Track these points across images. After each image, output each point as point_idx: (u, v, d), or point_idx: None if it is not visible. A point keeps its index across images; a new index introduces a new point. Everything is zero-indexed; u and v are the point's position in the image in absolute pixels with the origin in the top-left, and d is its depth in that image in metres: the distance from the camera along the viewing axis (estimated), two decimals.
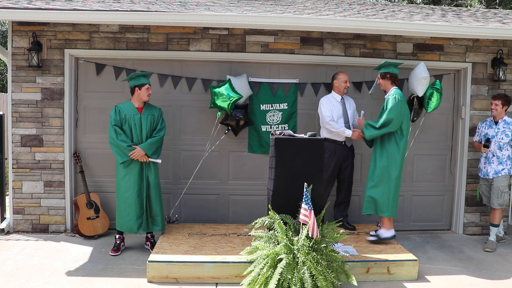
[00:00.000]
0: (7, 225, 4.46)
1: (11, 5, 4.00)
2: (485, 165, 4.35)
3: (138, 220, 3.85)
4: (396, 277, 3.45)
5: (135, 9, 4.01)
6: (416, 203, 4.95)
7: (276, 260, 3.00)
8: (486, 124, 4.41)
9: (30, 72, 4.38)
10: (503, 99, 4.25)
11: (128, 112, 3.83)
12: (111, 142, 3.80)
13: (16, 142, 4.43)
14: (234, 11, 4.18)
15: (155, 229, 3.98)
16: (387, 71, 3.98)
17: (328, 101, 4.29)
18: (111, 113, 3.84)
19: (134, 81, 3.83)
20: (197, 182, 4.68)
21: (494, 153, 4.27)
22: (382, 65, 4.02)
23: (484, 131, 4.39)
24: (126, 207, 3.83)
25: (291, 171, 3.47)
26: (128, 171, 3.82)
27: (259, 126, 4.69)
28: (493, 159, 4.28)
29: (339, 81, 4.30)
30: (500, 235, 4.49)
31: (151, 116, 3.90)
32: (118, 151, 3.79)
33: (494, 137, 4.26)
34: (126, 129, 3.84)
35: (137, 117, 3.85)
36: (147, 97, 3.86)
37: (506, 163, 4.24)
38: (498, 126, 4.28)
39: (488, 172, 4.31)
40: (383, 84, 4.03)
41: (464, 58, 4.74)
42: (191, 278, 3.32)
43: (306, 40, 4.60)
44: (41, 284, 3.23)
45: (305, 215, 3.08)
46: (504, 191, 4.21)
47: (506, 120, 4.27)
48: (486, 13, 5.39)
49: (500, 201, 4.22)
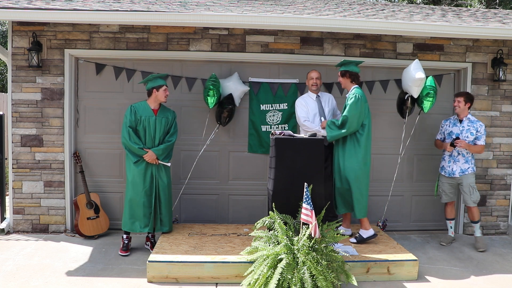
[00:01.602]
0: (7, 225, 4.46)
1: (11, 5, 4.00)
2: (450, 164, 4.30)
3: (145, 219, 3.86)
4: (396, 277, 3.45)
5: (135, 9, 4.01)
6: (416, 203, 4.95)
7: (276, 260, 3.00)
8: (450, 122, 4.35)
9: (30, 72, 4.37)
10: (466, 96, 4.20)
11: (143, 113, 3.85)
12: (124, 143, 3.84)
13: (16, 142, 4.43)
14: (234, 11, 4.18)
15: (163, 230, 4.01)
16: (347, 69, 3.92)
17: (302, 101, 4.25)
18: (126, 113, 3.84)
19: (151, 83, 3.85)
20: (197, 182, 4.68)
21: (460, 151, 4.23)
22: (342, 63, 3.96)
23: (449, 129, 4.33)
24: (132, 207, 3.84)
25: (291, 171, 3.47)
26: (140, 171, 3.83)
27: (259, 126, 4.69)
28: (459, 158, 4.24)
29: (307, 79, 4.27)
30: (452, 235, 4.49)
31: (165, 119, 3.93)
32: (130, 151, 3.83)
33: (459, 135, 4.22)
34: (140, 129, 3.85)
35: (152, 119, 3.86)
36: (165, 98, 3.89)
37: (471, 161, 4.24)
38: (462, 124, 4.24)
39: (454, 171, 4.27)
40: (343, 82, 3.98)
41: (464, 58, 4.74)
42: (191, 278, 3.32)
43: (306, 40, 4.60)
44: (41, 284, 3.23)
45: (307, 215, 3.08)
46: (474, 187, 4.22)
47: (470, 119, 4.23)
48: (486, 13, 5.39)
49: (473, 198, 4.22)
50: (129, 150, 3.83)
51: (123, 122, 3.87)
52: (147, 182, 3.86)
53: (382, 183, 4.84)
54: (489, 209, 4.86)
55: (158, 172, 3.91)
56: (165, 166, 3.97)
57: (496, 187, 4.85)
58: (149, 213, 3.88)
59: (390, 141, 4.82)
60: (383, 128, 4.81)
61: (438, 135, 4.51)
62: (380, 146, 4.80)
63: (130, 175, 3.87)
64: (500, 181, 4.86)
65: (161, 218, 3.97)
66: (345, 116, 3.75)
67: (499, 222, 4.90)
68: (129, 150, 3.83)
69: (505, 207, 4.90)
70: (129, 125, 3.81)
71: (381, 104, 4.77)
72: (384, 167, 4.83)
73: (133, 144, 3.78)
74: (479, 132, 4.19)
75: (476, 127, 4.19)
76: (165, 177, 3.96)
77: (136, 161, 3.82)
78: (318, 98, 4.26)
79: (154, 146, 3.89)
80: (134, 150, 3.80)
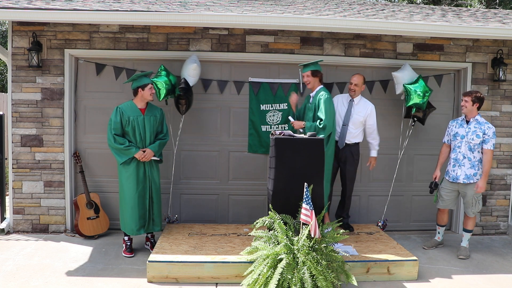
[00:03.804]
0: (7, 225, 4.46)
1: (11, 5, 4.00)
2: (454, 168, 4.01)
3: (140, 221, 3.84)
4: (396, 277, 3.45)
5: (135, 9, 4.01)
6: (416, 203, 4.95)
7: (276, 260, 3.00)
8: (457, 123, 4.07)
9: (30, 72, 4.37)
10: (474, 96, 3.89)
11: (131, 113, 3.80)
12: (110, 145, 3.78)
13: (16, 142, 4.43)
14: (234, 11, 4.18)
15: (155, 229, 3.99)
16: (318, 69, 3.97)
17: (334, 99, 4.31)
18: (111, 116, 3.77)
19: (136, 82, 3.82)
20: (197, 182, 4.68)
21: (465, 155, 3.94)
22: (312, 63, 3.99)
23: (454, 130, 4.05)
24: (128, 209, 3.81)
25: (291, 171, 3.47)
26: (132, 172, 3.79)
27: (259, 126, 4.69)
28: (464, 161, 3.94)
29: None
30: (438, 240, 4.31)
31: (153, 117, 3.89)
32: (117, 153, 3.78)
33: (464, 137, 3.94)
34: (129, 130, 3.79)
35: (141, 118, 3.83)
36: (151, 96, 3.84)
37: (478, 166, 3.92)
38: (469, 125, 3.94)
39: (458, 176, 3.97)
40: (313, 82, 4.01)
41: (464, 58, 4.74)
42: (191, 278, 3.32)
43: (306, 40, 4.60)
44: (41, 284, 3.23)
45: (307, 215, 3.08)
46: (478, 199, 3.98)
47: (478, 120, 3.93)
48: (486, 13, 5.39)
49: (475, 209, 4.01)
50: (115, 151, 3.76)
51: (108, 124, 3.79)
52: (140, 183, 3.82)
53: (382, 183, 4.84)
54: (489, 209, 4.86)
55: (151, 172, 3.89)
56: (156, 164, 3.94)
57: (496, 187, 4.85)
58: (143, 214, 3.85)
59: (391, 141, 4.82)
60: (383, 128, 4.81)
61: (445, 137, 4.23)
62: (381, 146, 4.78)
63: (123, 176, 3.82)
64: (500, 181, 4.86)
65: (153, 218, 3.94)
66: (325, 120, 3.81)
67: (499, 222, 4.90)
68: (116, 151, 3.76)
69: (505, 207, 4.90)
70: (113, 127, 3.73)
71: (381, 104, 4.77)
72: (384, 167, 4.83)
73: (118, 145, 3.71)
74: (487, 135, 3.86)
75: (484, 130, 3.87)
76: (157, 177, 3.95)
77: (123, 162, 3.75)
78: (351, 103, 4.26)
79: (145, 145, 3.84)
80: (121, 150, 3.72)
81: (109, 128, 3.78)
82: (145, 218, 3.87)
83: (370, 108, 4.25)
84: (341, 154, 4.26)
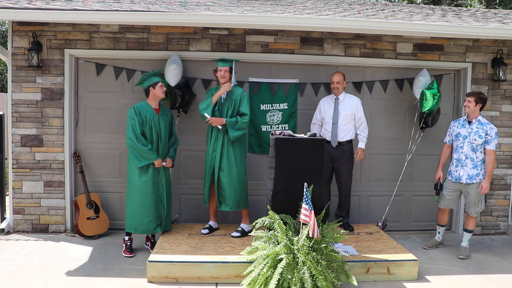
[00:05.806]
0: (7, 225, 4.46)
1: (11, 5, 4.00)
2: (457, 168, 4.01)
3: (158, 220, 3.86)
4: (396, 277, 3.45)
5: (135, 9, 4.01)
6: (416, 203, 4.94)
7: (276, 260, 3.00)
8: (459, 124, 4.06)
9: (30, 72, 4.37)
10: (477, 96, 3.90)
11: (148, 113, 3.82)
12: (131, 145, 3.72)
13: (16, 142, 4.43)
14: (234, 11, 4.18)
15: (167, 228, 4.02)
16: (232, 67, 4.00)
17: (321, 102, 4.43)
18: (130, 115, 3.74)
19: (147, 82, 3.85)
20: (197, 182, 4.68)
21: (468, 155, 3.94)
22: (229, 60, 4.00)
23: (456, 130, 4.04)
24: (145, 209, 3.78)
25: (291, 171, 3.47)
26: (146, 172, 3.78)
27: (259, 126, 4.69)
28: (467, 162, 3.94)
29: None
30: (439, 240, 4.30)
31: (166, 117, 3.96)
32: (136, 155, 3.72)
33: (467, 137, 3.94)
34: (146, 130, 3.79)
35: (156, 118, 3.85)
36: (163, 94, 3.88)
37: (480, 167, 3.93)
38: (471, 126, 3.95)
39: (461, 176, 3.97)
40: (228, 77, 4.00)
41: (464, 58, 4.74)
42: (191, 278, 3.32)
43: (306, 40, 4.60)
44: (41, 284, 3.23)
45: (306, 215, 3.08)
46: (481, 198, 3.99)
47: (480, 120, 3.94)
48: (486, 13, 5.39)
49: (477, 209, 4.00)
50: (135, 153, 3.71)
51: (128, 124, 3.75)
52: (155, 183, 3.83)
53: (382, 183, 4.84)
54: (489, 209, 4.86)
55: (163, 170, 3.92)
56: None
57: (496, 187, 4.85)
58: (159, 214, 3.89)
59: (390, 141, 4.82)
60: (383, 128, 4.81)
61: (446, 137, 4.22)
62: (380, 146, 4.80)
63: (134, 177, 3.77)
64: (500, 181, 4.86)
65: (166, 216, 3.98)
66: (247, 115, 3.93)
67: (499, 222, 4.90)
68: (135, 152, 3.71)
69: (505, 207, 4.90)
70: (136, 126, 3.71)
71: (381, 104, 4.77)
72: (384, 167, 4.83)
73: (141, 146, 3.68)
74: (489, 136, 3.87)
75: (486, 130, 3.88)
76: (169, 175, 4.02)
77: (141, 166, 3.72)
78: (337, 101, 4.30)
79: (161, 145, 3.88)
80: (142, 152, 3.69)
81: (130, 128, 3.72)
82: (161, 217, 3.90)
83: (356, 102, 4.30)
84: (335, 153, 4.28)
